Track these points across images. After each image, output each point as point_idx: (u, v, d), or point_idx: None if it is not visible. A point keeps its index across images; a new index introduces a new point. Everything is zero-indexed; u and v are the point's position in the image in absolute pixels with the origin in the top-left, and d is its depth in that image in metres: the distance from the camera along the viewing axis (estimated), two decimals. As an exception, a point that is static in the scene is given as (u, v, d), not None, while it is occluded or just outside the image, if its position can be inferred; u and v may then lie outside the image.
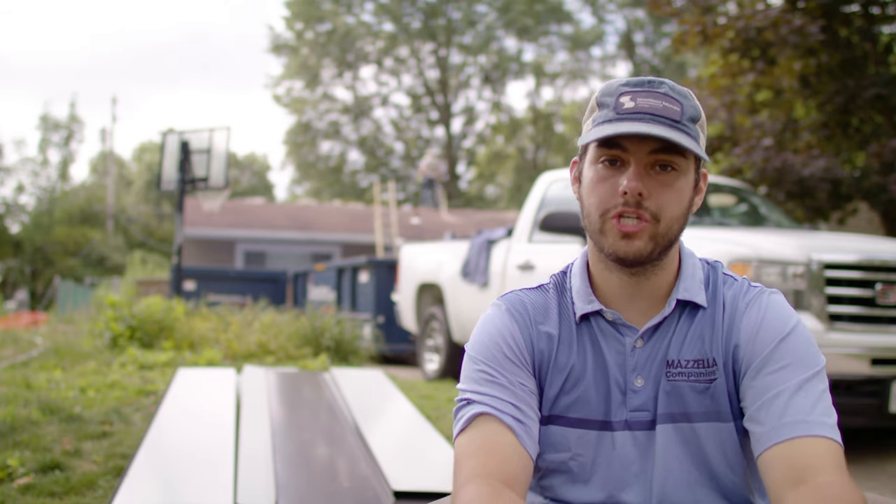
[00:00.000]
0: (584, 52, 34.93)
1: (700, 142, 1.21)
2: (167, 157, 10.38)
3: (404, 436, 3.96)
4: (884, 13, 8.16)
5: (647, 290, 1.25)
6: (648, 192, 1.17)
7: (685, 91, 1.22)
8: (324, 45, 33.22)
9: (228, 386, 4.70)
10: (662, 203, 1.18)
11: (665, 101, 1.18)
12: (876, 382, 3.89)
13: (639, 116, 1.16)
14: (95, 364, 6.77)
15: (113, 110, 56.12)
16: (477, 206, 33.42)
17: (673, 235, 1.21)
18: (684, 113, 1.19)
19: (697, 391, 1.22)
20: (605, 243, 1.21)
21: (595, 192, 1.21)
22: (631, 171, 1.17)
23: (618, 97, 1.20)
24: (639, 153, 1.18)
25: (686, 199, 1.22)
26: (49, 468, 3.15)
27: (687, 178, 1.21)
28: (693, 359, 1.23)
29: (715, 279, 1.28)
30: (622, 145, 1.18)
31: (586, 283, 1.28)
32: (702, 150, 1.20)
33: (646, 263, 1.21)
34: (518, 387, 1.23)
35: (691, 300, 1.24)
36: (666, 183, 1.18)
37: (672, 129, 1.16)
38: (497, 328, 1.28)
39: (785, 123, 8.38)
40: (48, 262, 31.88)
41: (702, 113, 1.23)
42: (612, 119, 1.18)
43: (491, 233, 6.45)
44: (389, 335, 9.19)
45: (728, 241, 4.26)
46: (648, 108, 1.17)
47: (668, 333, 1.25)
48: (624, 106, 1.18)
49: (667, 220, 1.19)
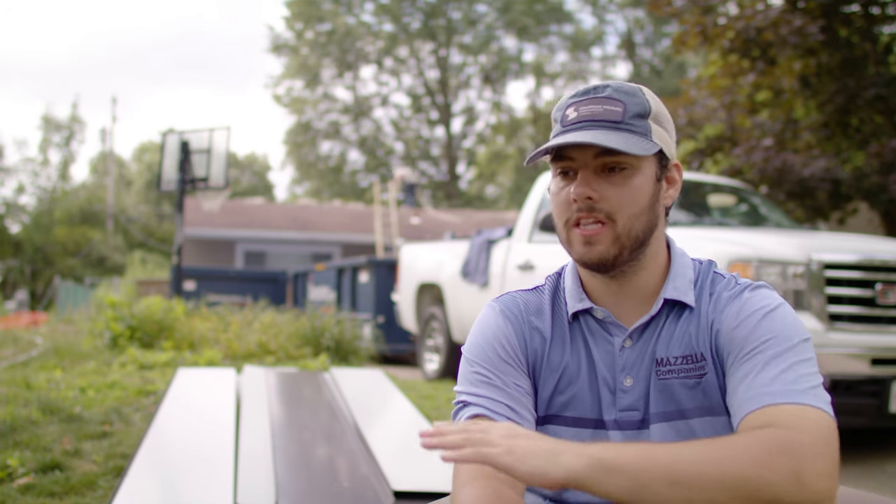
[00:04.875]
0: (584, 53, 34.93)
1: (653, 135, 1.21)
2: (167, 157, 10.39)
3: (404, 436, 3.96)
4: (884, 13, 8.16)
5: (632, 291, 1.26)
6: (600, 195, 1.19)
7: (632, 89, 1.23)
8: (324, 45, 33.22)
9: (228, 386, 4.70)
10: (616, 203, 1.19)
11: (606, 104, 1.20)
12: (876, 382, 3.89)
13: (580, 125, 1.20)
14: (95, 364, 6.78)
15: (113, 110, 56.22)
16: (477, 206, 33.40)
17: (638, 233, 1.21)
18: (627, 111, 1.20)
19: (688, 387, 1.22)
20: (573, 251, 1.24)
21: (555, 203, 1.25)
22: (579, 178, 1.21)
23: (565, 110, 1.24)
24: (585, 160, 1.20)
25: (644, 195, 1.22)
26: (49, 468, 3.15)
27: (643, 173, 1.21)
28: (681, 355, 1.23)
29: (704, 278, 1.28)
30: (569, 155, 1.21)
31: (577, 282, 1.30)
32: (654, 143, 1.20)
33: (616, 266, 1.22)
34: (513, 388, 1.24)
35: (679, 299, 1.25)
36: (617, 183, 1.20)
37: (611, 130, 1.19)
38: (491, 330, 1.29)
39: (785, 123, 8.38)
40: (48, 262, 31.89)
41: (653, 106, 1.23)
42: (559, 132, 1.23)
43: (491, 233, 6.45)
44: (389, 335, 9.19)
45: (728, 241, 4.26)
46: (589, 115, 1.20)
47: (656, 332, 1.25)
48: (569, 118, 1.22)
49: (623, 219, 1.20)
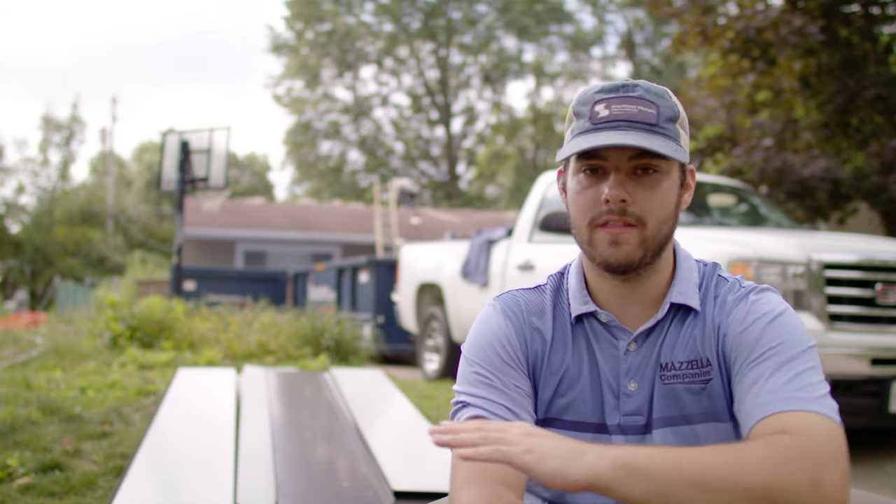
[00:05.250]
0: (584, 53, 34.91)
1: (681, 140, 1.20)
2: (167, 157, 10.39)
3: (404, 436, 3.96)
4: (884, 13, 8.16)
5: (640, 294, 1.24)
6: (632, 198, 1.17)
7: (661, 90, 1.21)
8: (324, 45, 33.20)
9: (228, 386, 4.70)
10: (647, 207, 1.17)
11: (640, 105, 1.17)
12: (876, 382, 3.89)
13: (614, 125, 1.16)
14: (95, 364, 6.77)
15: (113, 110, 56.18)
16: (477, 206, 33.40)
17: (662, 238, 1.20)
18: (661, 115, 1.18)
19: (693, 392, 1.21)
20: (595, 252, 1.20)
21: (579, 202, 1.21)
22: (611, 179, 1.17)
23: (592, 106, 1.19)
24: (618, 160, 1.17)
25: (672, 200, 1.21)
26: (49, 468, 3.15)
27: (671, 178, 1.20)
28: (686, 360, 1.21)
29: (709, 281, 1.27)
30: (601, 154, 1.18)
31: (582, 284, 1.28)
32: (683, 149, 1.20)
33: (637, 269, 1.20)
34: (513, 389, 1.23)
35: (685, 303, 1.23)
36: (649, 186, 1.18)
37: (648, 133, 1.16)
38: (492, 330, 1.27)
39: (785, 123, 8.38)
40: (48, 262, 31.89)
41: (680, 110, 1.22)
42: (588, 129, 1.18)
43: (491, 233, 6.45)
44: (389, 335, 9.18)
45: (728, 242, 4.26)
46: (623, 115, 1.16)
47: (661, 336, 1.23)
48: (599, 115, 1.17)
49: (653, 223, 1.18)
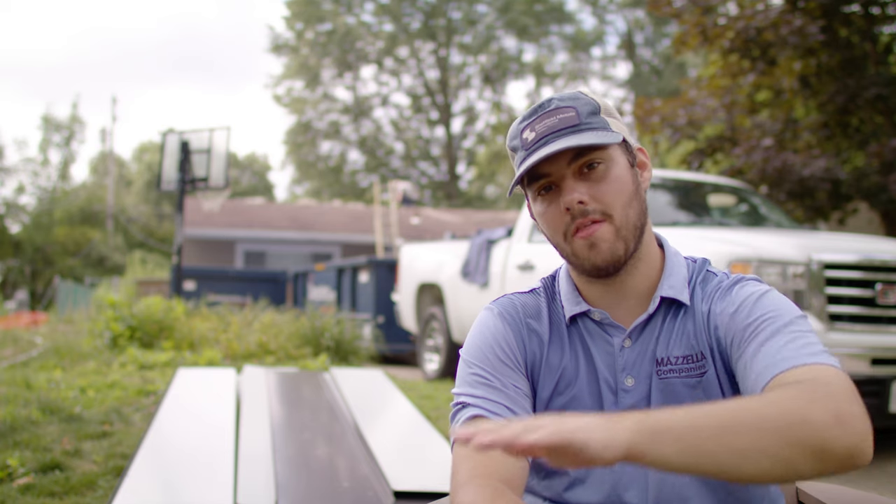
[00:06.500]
0: (584, 53, 34.93)
1: (611, 126, 1.23)
2: (167, 157, 10.39)
3: (404, 436, 3.96)
4: (884, 13, 8.17)
5: (628, 291, 1.27)
6: (589, 196, 1.20)
7: (574, 94, 1.25)
8: (324, 45, 33.21)
9: (228, 386, 4.70)
10: (606, 199, 1.21)
11: (558, 114, 1.22)
12: (876, 382, 3.89)
13: (543, 141, 1.21)
14: (95, 364, 6.78)
15: (113, 110, 56.05)
16: (477, 206, 33.41)
17: (634, 222, 1.23)
18: (580, 113, 1.22)
19: (689, 386, 1.22)
20: (580, 261, 1.24)
21: (547, 222, 1.25)
22: (563, 188, 1.22)
23: (521, 134, 1.25)
24: (560, 169, 1.21)
25: (627, 183, 1.23)
26: (49, 468, 3.15)
27: (618, 163, 1.23)
28: (682, 355, 1.23)
29: (697, 276, 1.29)
30: (543, 171, 1.22)
31: (572, 286, 1.31)
32: (615, 133, 1.22)
33: (625, 262, 1.23)
34: (512, 389, 1.25)
35: (675, 298, 1.25)
36: (599, 179, 1.21)
37: (574, 133, 1.20)
38: (490, 332, 1.30)
39: (785, 123, 8.38)
40: (48, 262, 31.90)
41: (600, 102, 1.25)
42: (524, 157, 1.23)
43: (491, 233, 6.45)
44: (389, 335, 9.19)
45: (728, 241, 4.26)
46: (547, 130, 1.21)
47: (655, 332, 1.25)
48: (528, 139, 1.23)
49: (618, 210, 1.21)
